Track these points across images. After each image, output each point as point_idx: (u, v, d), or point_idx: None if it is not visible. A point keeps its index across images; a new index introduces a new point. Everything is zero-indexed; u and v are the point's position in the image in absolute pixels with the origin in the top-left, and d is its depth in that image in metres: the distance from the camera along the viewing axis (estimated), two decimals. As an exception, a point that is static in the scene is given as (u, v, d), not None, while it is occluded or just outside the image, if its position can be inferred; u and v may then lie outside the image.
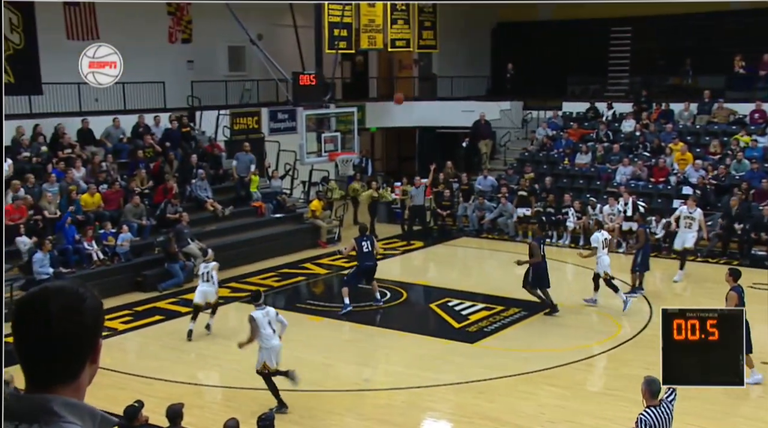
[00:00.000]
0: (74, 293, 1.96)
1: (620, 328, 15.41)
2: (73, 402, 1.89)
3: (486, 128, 26.56)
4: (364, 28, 26.40)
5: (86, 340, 1.97)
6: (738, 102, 24.15)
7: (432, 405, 12.05)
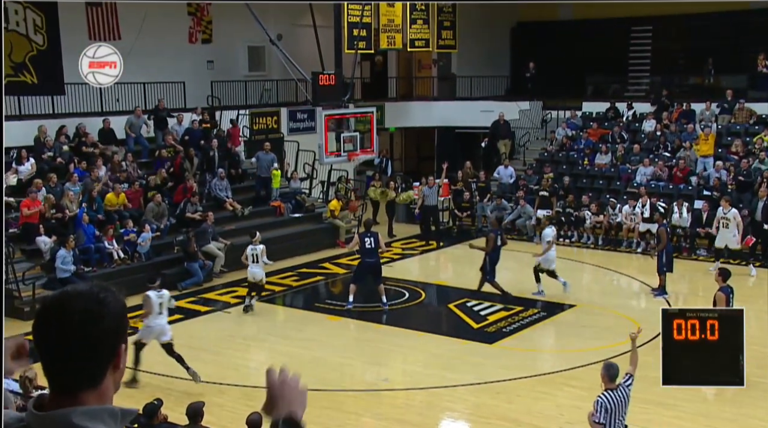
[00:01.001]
0: (95, 297, 1.91)
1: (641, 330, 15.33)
2: (92, 409, 1.86)
3: (505, 128, 26.50)
4: (384, 28, 26.41)
5: (107, 345, 1.92)
6: (761, 102, 23.94)
7: (450, 406, 12.06)
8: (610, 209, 21.66)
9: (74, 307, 1.89)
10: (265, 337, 15.42)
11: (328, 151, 23.63)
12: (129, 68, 21.43)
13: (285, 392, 2.15)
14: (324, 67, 23.59)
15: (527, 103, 27.73)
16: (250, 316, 16.27)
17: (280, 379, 2.17)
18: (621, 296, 18.28)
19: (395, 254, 21.55)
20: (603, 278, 19.51)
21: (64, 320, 1.88)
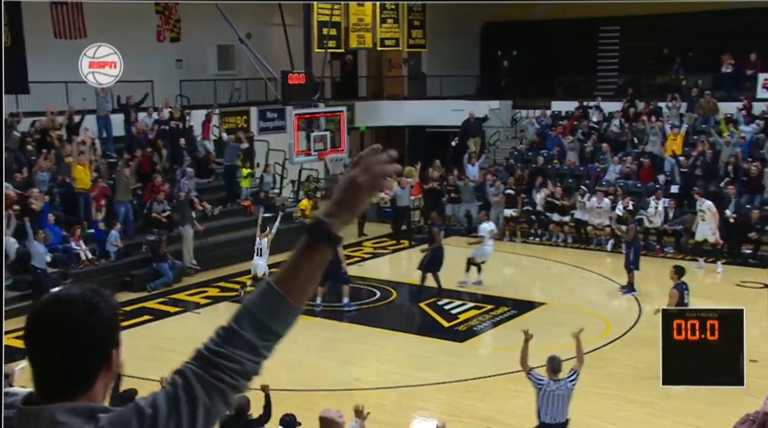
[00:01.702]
0: (87, 303, 1.87)
1: (609, 327, 15.45)
2: (76, 406, 1.83)
3: (475, 126, 26.57)
4: (353, 27, 26.39)
5: (100, 352, 1.89)
6: (726, 101, 24.25)
7: (422, 404, 12.08)
8: (579, 197, 21.71)
9: (67, 315, 1.85)
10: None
11: (299, 150, 23.58)
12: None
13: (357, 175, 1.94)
14: (294, 67, 23.53)
15: (497, 103, 27.83)
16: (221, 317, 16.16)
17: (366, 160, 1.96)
18: (590, 294, 18.39)
19: (366, 253, 21.55)
20: (573, 277, 19.62)
21: (57, 328, 1.84)
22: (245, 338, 1.86)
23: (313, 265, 1.93)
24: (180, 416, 1.79)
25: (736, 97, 24.18)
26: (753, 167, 20.89)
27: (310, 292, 1.96)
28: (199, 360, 1.86)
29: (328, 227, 1.94)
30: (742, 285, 17.88)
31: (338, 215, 1.96)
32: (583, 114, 26.31)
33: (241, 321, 1.88)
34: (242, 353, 1.86)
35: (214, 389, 1.83)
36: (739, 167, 21.20)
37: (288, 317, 1.91)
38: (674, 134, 22.93)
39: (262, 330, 1.88)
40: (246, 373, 1.87)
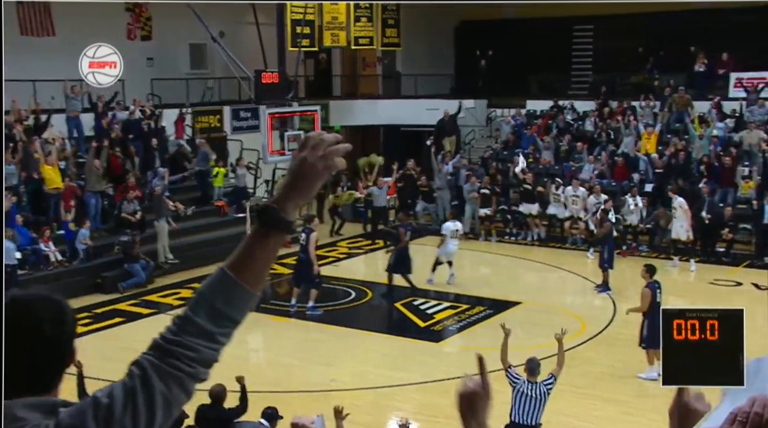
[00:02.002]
0: (56, 302, 1.91)
1: (584, 326, 15.52)
2: (35, 401, 1.82)
3: (450, 124, 26.58)
4: (327, 25, 26.32)
5: (69, 348, 1.93)
6: (698, 100, 24.46)
7: (397, 405, 12.06)
8: (553, 188, 21.79)
9: (43, 313, 1.87)
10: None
11: (272, 150, 23.49)
12: (64, 65, 21.13)
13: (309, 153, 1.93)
14: (267, 65, 23.43)
15: (472, 102, 27.88)
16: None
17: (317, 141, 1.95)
18: (566, 293, 18.48)
19: (341, 253, 21.52)
20: (548, 276, 19.70)
21: (35, 327, 1.85)
22: (201, 325, 1.85)
23: (266, 251, 1.93)
24: (137, 406, 1.78)
25: (709, 96, 24.38)
26: (727, 159, 21.10)
27: (265, 278, 1.96)
28: (156, 350, 1.85)
29: (279, 213, 1.93)
30: (715, 283, 18.04)
31: (289, 200, 1.95)
32: (558, 113, 26.45)
33: (197, 308, 1.86)
34: (199, 340, 1.84)
35: (172, 378, 1.82)
36: (712, 164, 21.39)
37: (243, 303, 1.90)
38: (648, 133, 23.09)
39: (218, 316, 1.86)
40: (204, 361, 1.86)
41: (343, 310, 16.69)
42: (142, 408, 1.78)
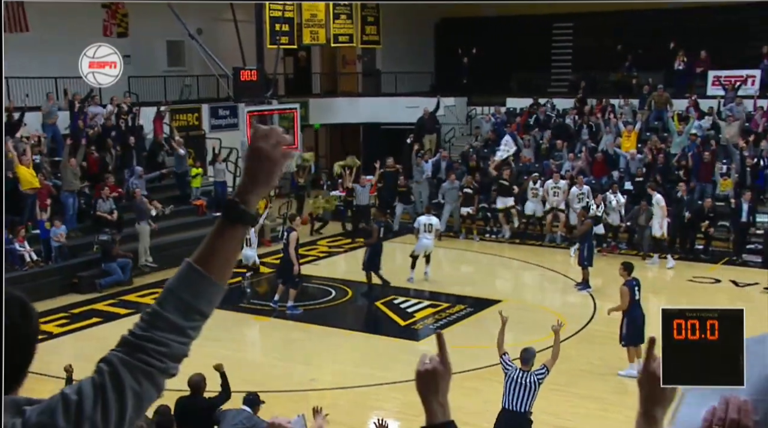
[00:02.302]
0: (19, 298, 1.92)
1: (565, 323, 15.58)
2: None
3: (430, 122, 26.61)
4: (306, 23, 26.27)
5: (35, 344, 1.94)
6: (677, 98, 24.63)
7: (378, 404, 12.07)
8: (531, 183, 21.83)
9: (12, 311, 1.87)
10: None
11: (251, 148, 23.41)
12: (39, 62, 21.00)
13: (258, 152, 1.97)
14: (245, 63, 23.42)
15: (452, 99, 27.92)
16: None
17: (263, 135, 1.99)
18: (546, 291, 18.57)
19: (321, 252, 21.50)
20: (529, 274, 19.78)
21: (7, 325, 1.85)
22: (170, 320, 1.87)
23: (231, 243, 1.98)
24: (107, 402, 1.78)
25: (686, 95, 24.55)
26: (706, 154, 21.30)
27: (231, 270, 1.99)
28: (125, 346, 1.87)
29: (241, 206, 1.97)
30: (694, 281, 18.18)
31: (251, 192, 2.00)
32: (537, 107, 26.56)
33: (165, 303, 1.88)
34: (169, 335, 1.87)
35: (142, 373, 1.83)
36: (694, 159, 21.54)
37: (211, 295, 1.93)
38: (628, 132, 23.23)
39: (186, 310, 1.89)
40: (174, 355, 1.88)
41: (324, 309, 16.67)
42: (112, 404, 1.79)
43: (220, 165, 22.99)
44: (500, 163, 22.87)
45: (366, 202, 22.74)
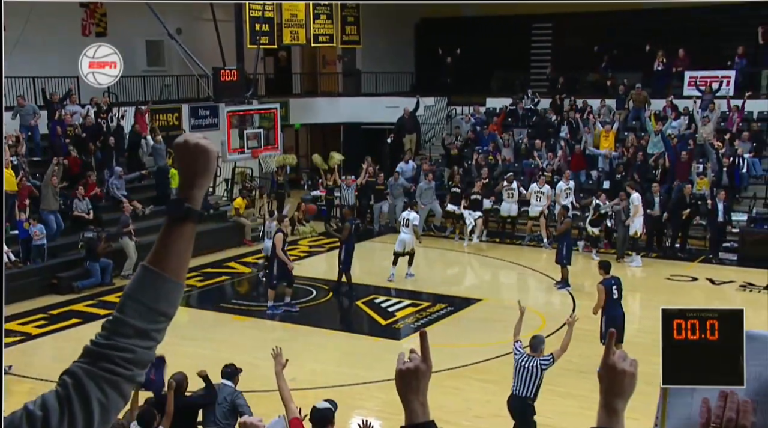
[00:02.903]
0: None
1: (545, 322, 15.63)
2: None
3: (410, 122, 26.61)
4: (287, 23, 26.21)
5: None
6: (655, 98, 24.77)
7: (360, 403, 12.06)
8: (505, 183, 21.70)
9: None
10: (169, 339, 15.06)
11: (232, 148, 23.40)
12: (16, 62, 20.79)
13: (184, 153, 2.00)
14: (225, 63, 23.36)
15: (432, 99, 27.95)
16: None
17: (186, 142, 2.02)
18: (526, 290, 18.61)
19: (302, 251, 21.46)
20: (508, 273, 19.83)
21: None
22: (133, 325, 1.86)
23: (183, 241, 1.98)
24: (74, 415, 1.76)
25: (665, 94, 24.70)
26: (684, 154, 21.46)
27: (186, 267, 1.98)
28: (88, 356, 1.85)
29: (184, 202, 1.99)
30: (671, 279, 18.31)
31: (192, 187, 2.01)
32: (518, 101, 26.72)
33: (125, 308, 1.87)
34: (132, 341, 1.85)
35: (107, 382, 1.82)
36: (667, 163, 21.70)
37: (171, 294, 1.93)
38: (606, 132, 23.34)
39: (148, 313, 1.88)
40: (139, 361, 1.87)
41: (305, 309, 16.64)
42: (79, 417, 1.76)
43: None
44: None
45: (351, 201, 22.52)
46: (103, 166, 20.79)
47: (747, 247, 19.47)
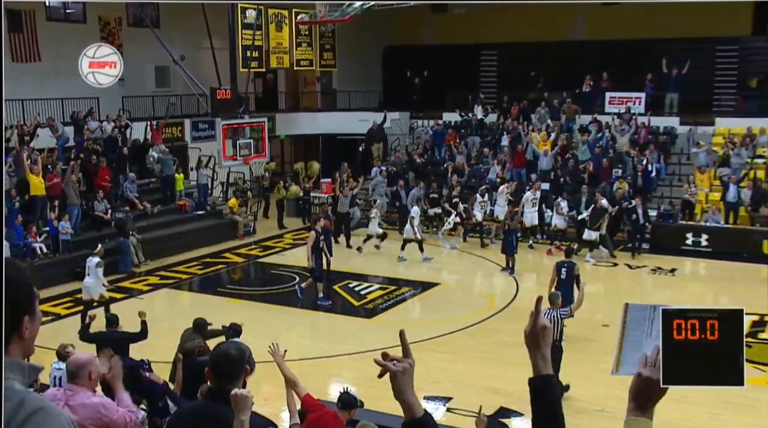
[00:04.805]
0: (12, 263, 1.77)
1: (493, 302, 15.84)
2: (7, 361, 1.70)
3: (379, 133, 26.76)
4: (273, 50, 26.20)
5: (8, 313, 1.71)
6: (582, 114, 25.09)
7: (337, 372, 12.19)
8: (479, 196, 20.99)
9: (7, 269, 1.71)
10: (172, 320, 15.03)
11: (226, 156, 23.42)
12: (49, 86, 20.87)
13: None
14: (221, 84, 23.36)
15: (397, 114, 28.07)
16: (159, 301, 15.97)
17: None
18: (477, 275, 18.80)
19: (287, 244, 21.50)
20: (462, 260, 19.99)
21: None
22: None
23: None
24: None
25: (591, 111, 25.00)
26: (605, 160, 21.77)
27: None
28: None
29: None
30: (597, 265, 18.55)
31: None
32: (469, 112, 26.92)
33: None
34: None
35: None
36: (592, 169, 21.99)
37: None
38: (543, 141, 23.60)
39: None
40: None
41: (288, 292, 16.70)
42: None
43: (204, 171, 22.88)
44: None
45: (346, 209, 21.49)
46: (119, 172, 20.68)
47: (657, 238, 19.81)
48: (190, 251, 19.97)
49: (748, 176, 20.95)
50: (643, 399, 1.86)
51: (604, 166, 21.79)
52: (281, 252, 20.50)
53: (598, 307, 14.15)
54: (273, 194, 24.19)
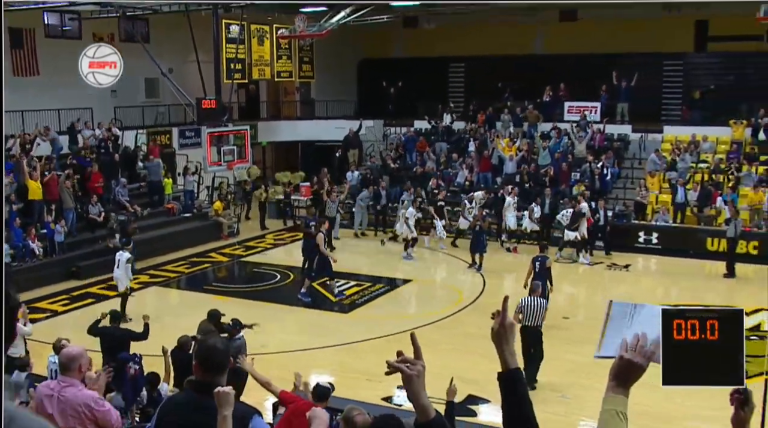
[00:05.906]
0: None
1: (461, 296, 15.95)
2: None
3: (355, 139, 26.82)
4: (255, 62, 26.16)
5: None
6: (544, 122, 25.33)
7: (317, 363, 12.22)
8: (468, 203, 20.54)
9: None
10: (165, 315, 15.01)
11: (211, 161, 23.31)
12: (47, 98, 20.77)
13: None
14: (206, 94, 23.26)
15: (372, 122, 28.13)
16: (149, 298, 15.87)
17: None
18: (446, 272, 18.89)
19: (268, 244, 21.46)
20: (432, 259, 20.09)
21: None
22: None
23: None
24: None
25: (551, 119, 25.24)
26: (564, 165, 22.00)
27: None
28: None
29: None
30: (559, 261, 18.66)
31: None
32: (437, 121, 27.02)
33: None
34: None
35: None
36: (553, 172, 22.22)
37: None
38: (508, 147, 23.79)
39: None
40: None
41: (271, 289, 16.68)
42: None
43: (191, 177, 22.76)
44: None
45: (333, 214, 21.20)
46: (111, 177, 20.52)
47: (611, 236, 20.00)
48: (177, 251, 19.86)
49: (693, 179, 21.32)
50: (623, 379, 1.92)
51: (564, 170, 22.03)
52: (263, 252, 20.47)
53: (560, 300, 14.33)
54: (255, 196, 24.14)
